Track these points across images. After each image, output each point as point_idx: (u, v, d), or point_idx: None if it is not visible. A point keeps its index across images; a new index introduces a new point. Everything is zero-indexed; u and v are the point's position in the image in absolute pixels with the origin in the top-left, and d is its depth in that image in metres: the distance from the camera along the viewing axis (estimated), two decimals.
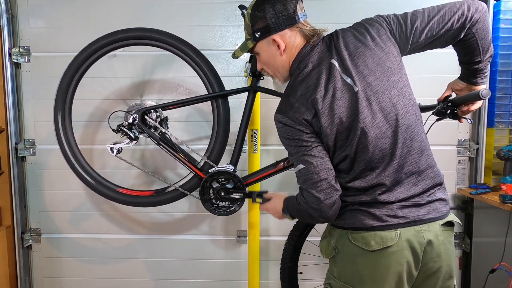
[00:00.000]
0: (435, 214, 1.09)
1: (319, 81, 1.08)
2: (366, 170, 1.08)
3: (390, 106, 1.07)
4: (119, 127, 1.69)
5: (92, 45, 1.72)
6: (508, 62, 2.01)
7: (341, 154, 1.09)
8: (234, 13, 2.09)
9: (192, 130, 2.18)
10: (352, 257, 1.11)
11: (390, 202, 1.07)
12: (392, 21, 1.15)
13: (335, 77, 1.07)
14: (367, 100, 1.06)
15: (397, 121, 1.07)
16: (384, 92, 1.07)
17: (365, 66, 1.07)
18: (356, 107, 1.05)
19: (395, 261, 1.06)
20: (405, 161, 1.07)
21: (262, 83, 1.73)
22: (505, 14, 1.98)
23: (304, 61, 1.14)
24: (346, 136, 1.07)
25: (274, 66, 1.22)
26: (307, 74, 1.11)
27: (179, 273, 2.28)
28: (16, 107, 2.17)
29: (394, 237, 1.05)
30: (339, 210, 1.13)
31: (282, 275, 1.79)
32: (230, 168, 1.66)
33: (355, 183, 1.09)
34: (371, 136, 1.06)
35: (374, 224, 1.07)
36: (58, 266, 2.30)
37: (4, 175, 2.16)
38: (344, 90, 1.06)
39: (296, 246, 1.75)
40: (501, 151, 1.86)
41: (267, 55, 1.21)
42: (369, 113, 1.05)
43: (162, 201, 1.79)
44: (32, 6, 2.14)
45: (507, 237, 1.69)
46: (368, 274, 1.09)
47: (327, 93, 1.06)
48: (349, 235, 1.11)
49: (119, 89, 2.16)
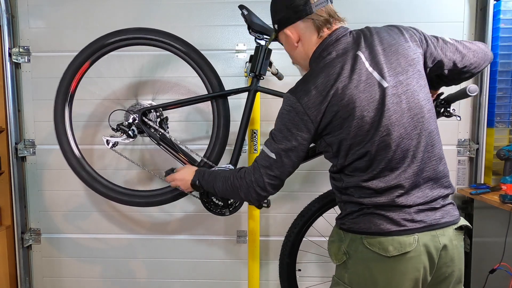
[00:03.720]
0: (449, 218, 1.08)
1: (342, 70, 1.04)
2: (386, 170, 1.05)
3: (418, 108, 1.06)
4: (118, 126, 1.69)
5: (92, 45, 1.72)
6: (508, 62, 2.01)
7: (360, 150, 1.04)
8: (234, 13, 2.09)
9: (192, 130, 2.18)
10: (366, 262, 1.07)
11: (408, 206, 1.04)
12: (425, 37, 1.17)
13: (360, 69, 1.04)
14: (397, 97, 1.04)
15: (422, 124, 1.06)
16: (413, 93, 1.06)
17: (398, 64, 1.06)
18: (383, 103, 1.02)
19: (412, 267, 1.03)
20: (424, 166, 1.06)
21: (262, 83, 1.73)
22: (505, 14, 1.98)
23: (328, 49, 1.11)
24: (367, 131, 1.03)
25: (294, 56, 1.25)
26: (330, 61, 1.08)
27: (179, 273, 2.28)
28: (16, 107, 2.17)
29: (412, 243, 1.02)
30: (352, 214, 1.10)
31: (281, 271, 1.79)
32: (230, 168, 1.66)
33: (373, 182, 1.05)
34: (395, 135, 1.03)
35: (392, 228, 1.04)
36: (58, 266, 2.30)
37: (4, 175, 2.16)
38: (369, 84, 1.03)
39: (294, 243, 1.75)
40: (501, 151, 1.86)
41: (286, 46, 1.24)
42: (396, 110, 1.03)
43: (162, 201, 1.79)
44: (32, 6, 2.14)
45: (507, 237, 1.69)
46: (384, 281, 1.05)
47: (350, 83, 1.03)
48: (363, 240, 1.07)
49: (119, 89, 2.16)
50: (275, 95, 1.70)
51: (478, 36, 2.06)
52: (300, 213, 1.74)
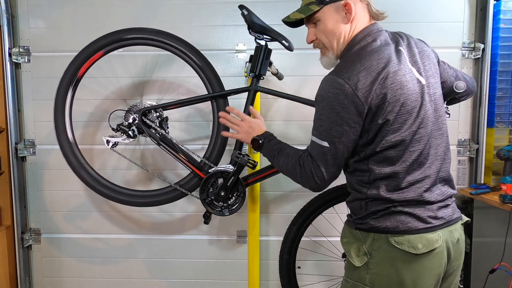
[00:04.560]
0: (457, 214, 1.15)
1: (391, 58, 1.05)
2: (416, 163, 1.07)
3: (442, 111, 1.13)
4: (118, 126, 1.69)
5: (92, 45, 1.72)
6: (508, 62, 2.01)
7: (397, 138, 1.04)
8: (234, 13, 2.08)
9: (192, 130, 2.18)
10: (392, 261, 1.07)
11: (431, 202, 1.08)
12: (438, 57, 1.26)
13: (404, 62, 1.08)
14: (430, 96, 1.10)
15: (445, 127, 1.14)
16: (439, 97, 1.14)
17: (430, 68, 1.14)
18: (422, 97, 1.07)
19: (437, 262, 1.07)
20: (442, 166, 1.12)
21: (262, 83, 1.73)
22: (505, 14, 1.98)
23: (372, 35, 1.11)
24: (405, 119, 1.04)
25: (335, 35, 1.14)
26: (377, 47, 1.08)
27: (179, 273, 2.28)
28: (16, 107, 2.17)
29: (438, 239, 1.06)
30: (376, 214, 1.09)
31: (280, 267, 1.79)
32: (230, 168, 1.66)
33: (403, 175, 1.06)
34: (429, 129, 1.08)
35: (420, 226, 1.06)
36: (58, 266, 2.30)
37: (4, 175, 2.16)
38: (411, 77, 1.07)
39: (292, 239, 1.75)
40: (501, 151, 1.87)
41: (332, 21, 1.13)
42: (429, 108, 1.08)
43: (162, 200, 1.79)
44: (32, 6, 2.13)
45: (507, 237, 1.69)
46: (411, 279, 1.06)
47: (399, 71, 1.04)
48: (390, 239, 1.07)
49: (119, 89, 2.16)
50: (275, 95, 1.71)
51: (478, 36, 2.06)
52: (300, 210, 1.75)
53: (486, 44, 2.02)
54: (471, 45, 2.06)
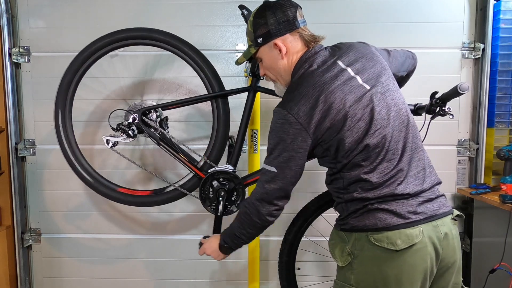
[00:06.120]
0: (445, 208, 1.14)
1: (326, 78, 1.12)
2: (384, 161, 1.10)
3: (401, 103, 1.16)
4: (118, 126, 1.69)
5: (92, 45, 1.72)
6: (508, 62, 2.01)
7: (359, 146, 1.10)
8: (234, 13, 2.09)
9: (192, 130, 2.18)
10: (374, 260, 1.08)
11: (408, 194, 1.08)
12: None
13: (343, 75, 1.13)
14: (381, 95, 1.13)
15: (407, 118, 1.15)
16: (393, 92, 1.17)
17: (375, 69, 1.17)
18: (371, 101, 1.11)
19: (420, 258, 1.06)
20: (413, 155, 1.13)
21: (262, 83, 1.73)
22: (505, 14, 1.98)
23: (309, 61, 1.19)
24: (360, 128, 1.09)
25: (276, 70, 1.26)
26: (312, 70, 1.16)
27: (179, 273, 2.28)
28: (16, 107, 2.17)
29: (418, 234, 1.06)
30: (355, 213, 1.12)
31: (280, 269, 1.79)
32: (230, 168, 1.66)
33: (374, 175, 1.09)
34: (389, 127, 1.10)
35: (398, 222, 1.07)
36: (58, 266, 2.30)
37: (4, 175, 2.16)
38: (354, 86, 1.11)
39: (292, 241, 1.75)
40: (501, 151, 1.87)
41: (269, 59, 1.25)
42: (383, 106, 1.12)
43: (161, 200, 1.79)
44: (32, 6, 2.14)
45: (507, 237, 1.69)
46: (395, 275, 1.07)
47: (336, 88, 1.10)
48: (369, 237, 1.09)
49: (120, 89, 2.16)
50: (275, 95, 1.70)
51: (478, 36, 2.06)
52: (299, 211, 1.74)
53: (486, 44, 2.02)
54: (471, 45, 2.06)
